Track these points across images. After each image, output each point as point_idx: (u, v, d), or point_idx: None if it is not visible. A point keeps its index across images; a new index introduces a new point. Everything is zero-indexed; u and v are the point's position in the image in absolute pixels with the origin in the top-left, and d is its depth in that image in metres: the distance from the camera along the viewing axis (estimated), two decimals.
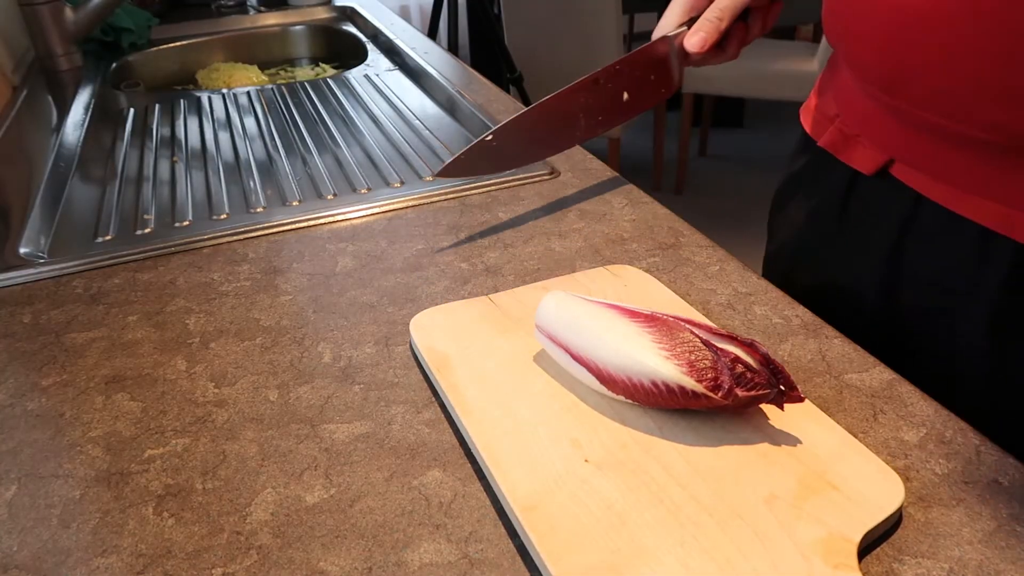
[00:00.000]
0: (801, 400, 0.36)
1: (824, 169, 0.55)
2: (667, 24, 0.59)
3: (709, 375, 0.35)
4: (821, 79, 0.58)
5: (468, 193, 0.67)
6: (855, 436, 0.38)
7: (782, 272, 0.62)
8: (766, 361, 0.36)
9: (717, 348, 0.36)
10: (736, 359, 0.36)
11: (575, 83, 0.58)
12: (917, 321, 0.50)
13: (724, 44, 0.58)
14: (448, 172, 0.59)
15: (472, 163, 0.59)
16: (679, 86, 0.62)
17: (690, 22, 0.58)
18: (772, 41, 2.61)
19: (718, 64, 0.59)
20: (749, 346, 0.37)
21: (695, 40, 0.56)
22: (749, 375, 0.36)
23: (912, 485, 0.35)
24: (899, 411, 0.40)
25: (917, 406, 0.40)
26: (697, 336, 0.37)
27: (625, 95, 0.60)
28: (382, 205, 0.66)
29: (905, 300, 0.50)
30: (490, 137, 0.58)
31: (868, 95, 0.48)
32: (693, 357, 0.36)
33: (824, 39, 2.36)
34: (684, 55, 0.58)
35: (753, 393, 0.35)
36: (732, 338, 0.37)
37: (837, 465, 0.35)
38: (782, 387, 0.36)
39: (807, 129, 0.58)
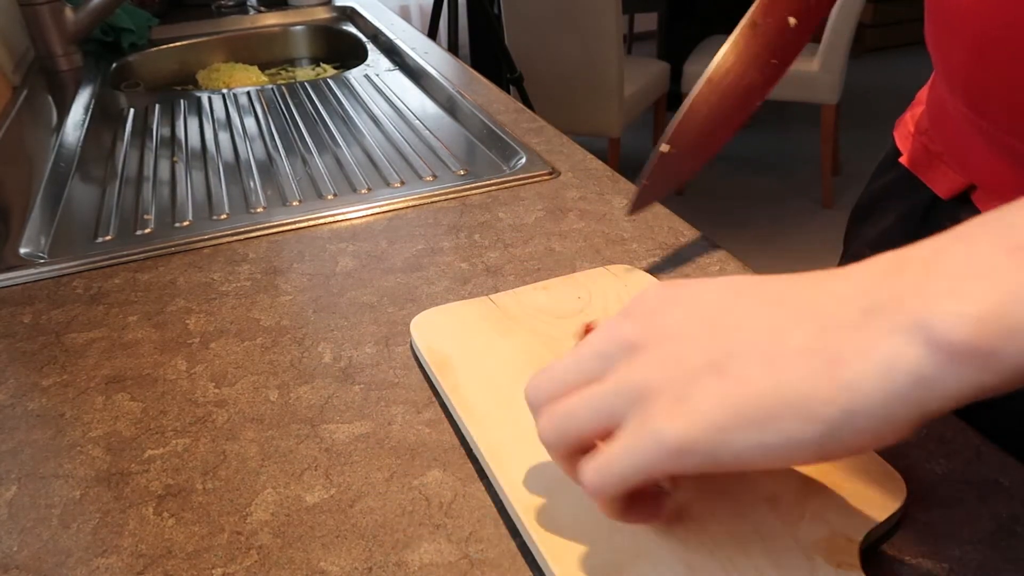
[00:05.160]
0: None
1: (905, 189, 0.52)
2: None
3: None
4: (920, 92, 0.55)
5: (468, 193, 0.67)
6: None
7: None
8: None
9: None
10: None
11: (730, 37, 0.49)
12: None
13: None
14: (642, 205, 0.52)
15: (663, 183, 0.51)
16: None
17: None
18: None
19: None
20: None
21: None
22: None
23: (912, 485, 0.35)
24: None
25: None
26: None
27: (792, 20, 0.49)
28: (382, 205, 0.66)
29: None
30: (667, 148, 0.50)
31: (957, 110, 0.46)
32: None
33: (824, 39, 2.36)
34: None
35: None
36: None
37: (839, 464, 0.35)
38: None
39: (896, 143, 0.55)
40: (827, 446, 0.23)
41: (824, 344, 0.23)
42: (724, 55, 0.49)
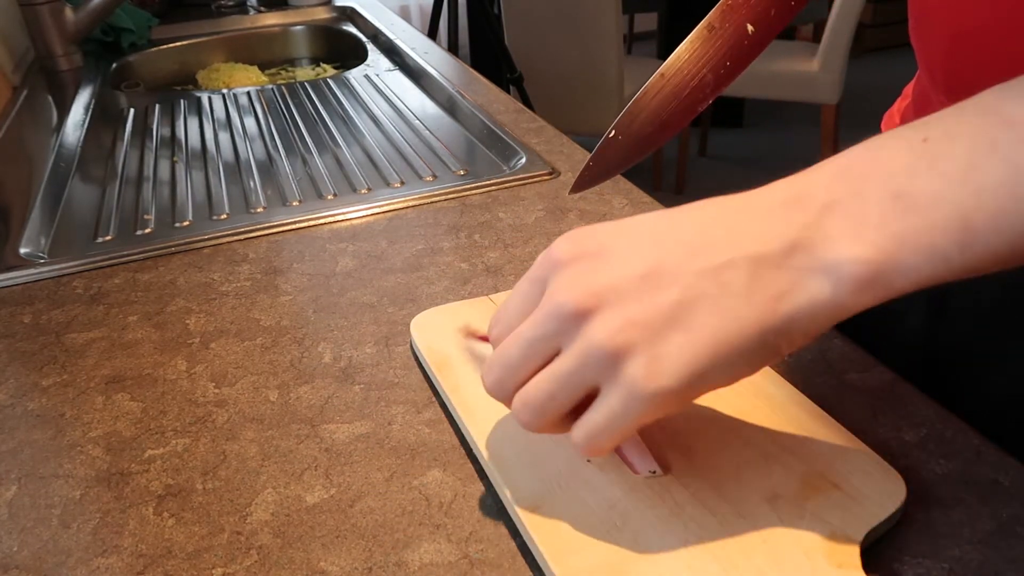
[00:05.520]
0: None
1: None
2: None
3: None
4: (907, 86, 0.56)
5: (468, 193, 0.67)
6: (855, 436, 0.38)
7: None
8: None
9: None
10: None
11: (687, 39, 0.52)
12: (957, 366, 0.48)
13: None
14: (582, 185, 0.53)
15: (603, 166, 0.54)
16: None
17: None
18: (772, 41, 2.61)
19: None
20: None
21: None
22: None
23: (912, 485, 0.35)
24: (899, 411, 0.40)
25: (917, 406, 0.40)
26: None
27: (750, 28, 0.53)
28: (382, 205, 0.66)
29: (945, 341, 0.48)
30: (612, 133, 0.53)
31: (940, 103, 0.46)
32: None
33: (824, 39, 2.36)
34: None
35: None
36: None
37: (839, 464, 0.35)
38: None
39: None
40: (773, 357, 0.30)
41: (762, 284, 0.28)
42: (678, 54, 0.53)
